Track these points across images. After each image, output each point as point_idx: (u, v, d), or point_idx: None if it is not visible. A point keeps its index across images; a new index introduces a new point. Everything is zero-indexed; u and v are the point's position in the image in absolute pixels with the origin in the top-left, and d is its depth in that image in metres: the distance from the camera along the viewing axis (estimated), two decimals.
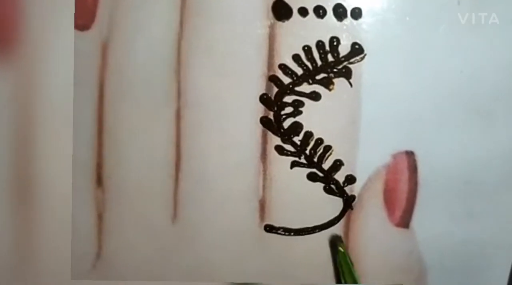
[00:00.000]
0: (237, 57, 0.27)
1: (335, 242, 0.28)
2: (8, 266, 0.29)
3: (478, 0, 0.26)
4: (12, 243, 0.29)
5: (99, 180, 0.29)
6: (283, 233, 0.29)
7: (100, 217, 0.29)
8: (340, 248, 0.28)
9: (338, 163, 0.28)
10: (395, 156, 0.28)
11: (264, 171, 0.28)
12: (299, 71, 0.27)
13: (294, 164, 0.28)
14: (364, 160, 0.28)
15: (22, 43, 0.28)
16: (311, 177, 0.28)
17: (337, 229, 0.29)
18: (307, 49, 0.27)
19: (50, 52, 0.28)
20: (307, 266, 0.29)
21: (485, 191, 0.28)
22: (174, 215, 0.29)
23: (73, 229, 0.29)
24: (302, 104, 0.27)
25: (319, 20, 0.27)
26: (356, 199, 0.28)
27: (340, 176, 0.28)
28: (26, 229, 0.29)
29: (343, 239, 0.29)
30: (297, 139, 0.28)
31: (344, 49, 0.27)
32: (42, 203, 0.29)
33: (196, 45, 0.27)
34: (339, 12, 0.26)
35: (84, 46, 0.28)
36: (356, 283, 0.26)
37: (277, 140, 0.28)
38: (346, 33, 0.27)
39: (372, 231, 0.29)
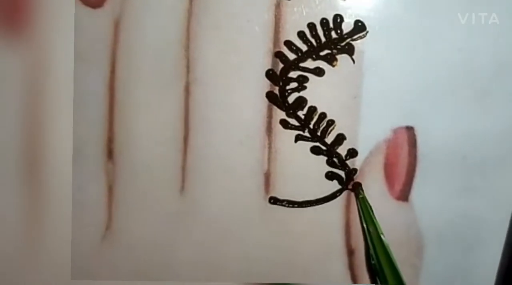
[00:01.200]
0: (244, 33, 0.28)
1: (357, 188, 0.29)
2: (18, 246, 0.30)
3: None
4: (23, 214, 0.30)
5: (110, 154, 0.29)
6: (287, 205, 0.29)
7: (110, 189, 0.30)
8: (361, 194, 0.28)
9: (340, 137, 0.29)
10: (395, 131, 0.29)
11: (269, 144, 0.29)
12: (304, 47, 0.28)
13: (298, 138, 0.29)
14: (366, 134, 0.29)
15: (34, 21, 0.28)
16: (315, 151, 0.29)
17: (338, 202, 0.30)
18: (311, 26, 0.27)
19: (62, 30, 0.28)
20: (311, 238, 0.30)
21: (483, 166, 0.29)
22: (182, 188, 0.29)
23: (83, 201, 0.30)
24: (306, 79, 0.28)
25: None
26: (358, 173, 0.29)
27: (342, 150, 0.29)
28: (36, 201, 0.30)
29: (345, 211, 0.30)
30: (301, 114, 0.28)
31: (347, 26, 0.28)
32: (54, 177, 0.30)
33: (204, 22, 0.28)
34: None
35: (96, 23, 0.28)
36: (374, 225, 0.27)
37: (282, 114, 0.29)
38: (349, 10, 0.27)
39: (373, 204, 0.29)
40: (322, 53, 0.27)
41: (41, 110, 0.29)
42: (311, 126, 0.28)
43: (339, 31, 0.27)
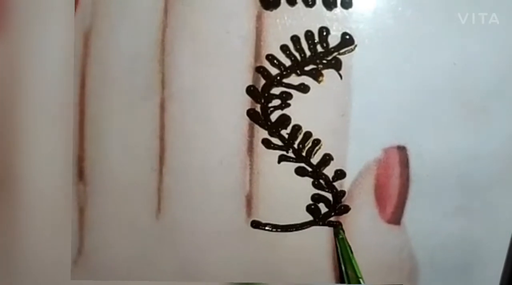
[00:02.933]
0: (223, 47, 0.26)
1: (336, 228, 0.28)
2: None
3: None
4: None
5: (81, 174, 0.28)
6: (270, 229, 0.28)
7: (81, 212, 0.28)
8: (340, 234, 0.27)
9: (327, 157, 0.27)
10: (386, 151, 0.27)
11: (251, 165, 0.27)
12: (287, 62, 0.26)
13: (282, 158, 0.27)
14: (354, 154, 0.27)
15: (6, 29, 0.27)
16: (300, 172, 0.27)
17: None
18: (295, 39, 0.26)
19: (32, 42, 0.27)
20: (297, 264, 0.29)
21: (478, 187, 0.28)
22: (158, 210, 0.28)
23: (53, 225, 0.28)
24: (290, 96, 0.26)
25: (308, 9, 0.26)
26: (346, 195, 0.28)
27: (329, 171, 0.27)
28: (6, 224, 0.28)
29: (333, 235, 0.28)
30: (285, 133, 0.27)
31: (334, 39, 0.26)
32: (22, 197, 0.28)
33: (181, 34, 0.26)
34: (329, 1, 0.26)
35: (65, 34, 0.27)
36: (353, 268, 0.25)
37: (264, 134, 0.27)
38: (336, 23, 0.26)
39: (362, 228, 0.28)
40: (307, 68, 0.26)
41: (10, 128, 0.27)
42: (295, 146, 0.27)
43: (325, 45, 0.26)
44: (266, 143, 0.27)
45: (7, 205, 0.28)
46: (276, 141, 0.27)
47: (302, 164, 0.27)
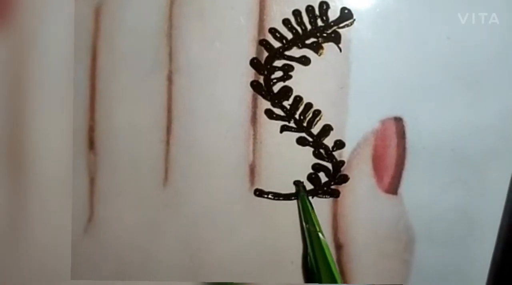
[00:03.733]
0: (227, 21, 0.27)
1: (298, 185, 0.28)
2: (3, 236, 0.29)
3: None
4: (7, 208, 0.29)
5: (91, 144, 0.29)
6: (272, 197, 0.29)
7: (92, 181, 0.29)
8: (302, 192, 0.28)
9: (327, 127, 0.28)
10: (383, 122, 0.28)
11: (254, 135, 0.28)
12: (289, 35, 0.27)
13: (283, 128, 0.28)
14: (353, 125, 0.28)
15: (17, 9, 0.28)
16: (301, 142, 0.28)
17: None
18: (297, 13, 0.27)
19: (45, 17, 0.28)
20: (298, 232, 0.29)
21: (472, 158, 0.29)
22: (165, 179, 0.29)
23: (64, 193, 0.29)
24: (292, 68, 0.27)
25: None
26: (345, 165, 0.29)
27: (329, 141, 0.28)
28: (20, 191, 0.29)
29: (332, 205, 0.29)
30: (286, 103, 0.28)
31: (333, 13, 0.27)
32: (34, 166, 0.29)
33: (187, 10, 0.27)
34: None
35: (76, 10, 0.28)
36: (314, 223, 0.26)
37: (267, 104, 0.28)
38: None
39: (361, 197, 0.29)
40: (307, 41, 0.27)
41: (22, 100, 0.28)
42: (296, 116, 0.28)
43: (325, 19, 0.27)
44: (269, 114, 0.28)
45: (20, 175, 0.29)
46: (278, 111, 0.28)
47: (303, 134, 0.28)
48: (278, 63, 0.27)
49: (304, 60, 0.27)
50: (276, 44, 0.27)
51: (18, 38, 0.28)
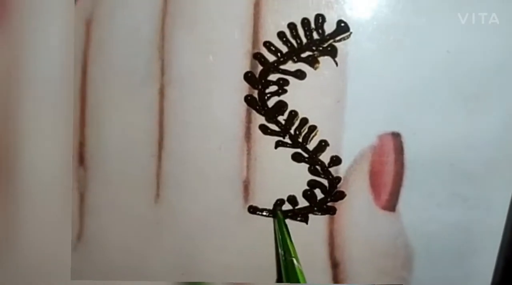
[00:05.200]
0: (221, 34, 0.27)
1: (275, 209, 0.28)
2: None
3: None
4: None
5: (81, 159, 0.28)
6: (267, 215, 0.28)
7: (81, 197, 0.29)
8: (279, 216, 0.27)
9: (323, 143, 0.27)
10: (381, 138, 0.28)
11: (248, 151, 0.28)
12: (284, 48, 0.26)
13: (278, 144, 0.27)
14: (350, 141, 0.28)
15: (8, 19, 0.27)
16: (296, 158, 0.28)
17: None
18: (292, 27, 0.26)
19: (36, 30, 0.27)
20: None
21: (472, 174, 0.28)
22: (157, 195, 0.28)
23: (53, 210, 0.29)
24: (287, 82, 0.27)
25: None
26: (342, 181, 0.28)
27: (325, 157, 0.28)
28: (6, 209, 0.29)
29: (328, 222, 0.28)
30: (281, 119, 0.27)
31: (329, 27, 0.26)
32: (23, 181, 0.29)
33: (180, 22, 0.27)
34: None
35: (67, 22, 0.27)
36: (289, 249, 0.25)
37: (261, 119, 0.27)
38: (332, 10, 0.26)
39: (357, 215, 0.28)
40: (303, 55, 0.26)
41: (11, 115, 0.28)
42: (292, 131, 0.27)
43: (321, 32, 0.26)
44: (263, 129, 0.27)
45: (8, 190, 0.29)
46: (273, 127, 0.27)
47: (299, 150, 0.28)
48: (273, 77, 0.27)
49: (300, 74, 0.27)
50: (271, 58, 0.27)
51: (7, 51, 0.27)
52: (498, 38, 0.26)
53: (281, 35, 0.26)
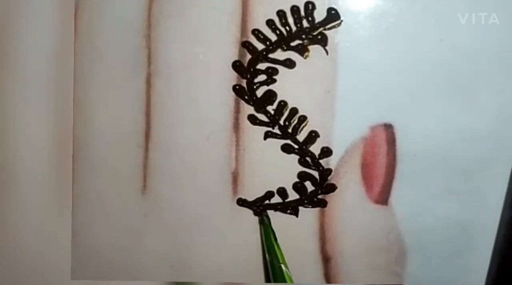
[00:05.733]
0: (209, 22, 0.26)
1: (261, 215, 0.28)
2: None
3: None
4: None
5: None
6: (256, 208, 0.28)
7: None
8: (265, 221, 0.27)
9: (313, 134, 0.27)
10: (372, 129, 0.27)
11: (237, 141, 0.27)
12: (273, 37, 0.26)
13: (267, 135, 0.27)
14: (341, 132, 0.27)
15: None
16: (286, 149, 0.27)
17: None
18: (281, 14, 0.26)
19: (23, 18, 0.27)
20: (283, 243, 0.28)
21: (466, 166, 0.28)
22: (144, 187, 0.28)
23: (40, 202, 0.28)
24: (276, 71, 0.26)
25: None
26: (333, 173, 0.27)
27: (315, 148, 0.27)
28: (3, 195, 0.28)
29: (319, 215, 0.28)
30: (271, 109, 0.27)
31: (319, 14, 0.26)
32: (9, 173, 0.28)
33: (167, 9, 0.26)
34: None
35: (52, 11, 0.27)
36: (277, 255, 0.25)
37: (250, 109, 0.27)
38: None
39: (349, 208, 0.28)
40: (292, 44, 0.26)
41: None
42: (281, 122, 0.27)
43: (310, 20, 0.26)
44: (252, 119, 0.27)
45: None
46: (262, 117, 0.27)
47: (288, 141, 0.27)
48: (262, 66, 0.26)
49: (289, 63, 0.26)
50: (260, 46, 0.26)
51: None
52: (491, 32, 0.26)
53: (270, 23, 0.26)
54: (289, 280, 0.24)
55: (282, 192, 0.27)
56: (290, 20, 0.26)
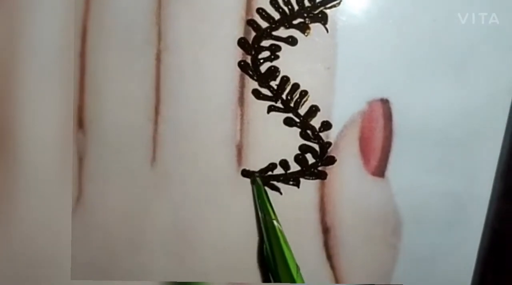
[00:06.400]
0: (216, 1, 0.27)
1: (252, 175, 0.28)
2: None
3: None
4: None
5: (81, 123, 0.29)
6: (259, 178, 0.29)
7: (80, 160, 0.29)
8: (257, 182, 0.28)
9: (314, 108, 0.28)
10: (370, 103, 0.28)
11: (242, 115, 0.28)
12: (277, 15, 0.27)
13: (271, 109, 0.28)
14: (340, 106, 0.28)
15: None
16: (288, 122, 0.28)
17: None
18: None
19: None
20: (284, 214, 0.29)
21: (460, 141, 0.29)
22: (153, 158, 0.29)
23: (53, 173, 0.29)
24: (279, 48, 0.27)
25: None
26: (332, 146, 0.29)
27: (316, 122, 0.28)
28: (6, 173, 0.29)
29: (319, 186, 0.29)
30: (274, 84, 0.28)
31: None
32: (23, 144, 0.29)
33: None
34: None
35: None
36: (270, 213, 0.26)
37: (254, 84, 0.28)
38: None
39: (348, 180, 0.29)
40: (294, 22, 0.27)
41: (9, 80, 0.28)
42: (283, 96, 0.28)
43: None
44: (256, 94, 0.28)
45: (8, 154, 0.29)
46: (265, 91, 0.28)
47: (290, 115, 0.28)
48: (266, 43, 0.27)
49: (291, 41, 0.27)
50: (264, 24, 0.27)
51: (7, 20, 0.28)
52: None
53: (273, 2, 0.27)
54: (281, 234, 0.25)
55: (284, 163, 0.28)
56: None
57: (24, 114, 0.29)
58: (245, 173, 0.29)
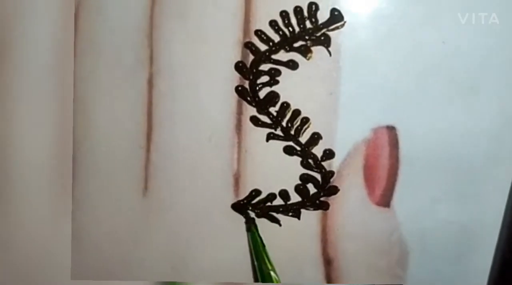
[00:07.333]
0: (211, 22, 0.26)
1: (249, 223, 0.27)
2: None
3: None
4: None
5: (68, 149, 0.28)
6: (258, 210, 0.28)
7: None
8: (252, 230, 0.27)
9: (316, 136, 0.27)
10: (375, 131, 0.27)
11: (239, 143, 0.27)
12: (276, 37, 0.26)
13: (270, 137, 0.27)
14: (343, 134, 0.27)
15: None
16: (288, 151, 0.27)
17: None
18: (284, 15, 0.26)
19: (25, 16, 0.27)
20: (285, 246, 0.28)
21: (469, 168, 0.27)
22: (145, 188, 0.28)
23: (40, 203, 0.28)
24: (279, 72, 0.26)
25: None
26: (335, 175, 0.27)
27: (318, 150, 0.27)
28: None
29: (321, 217, 0.28)
30: (273, 110, 0.27)
31: (323, 15, 0.26)
32: (12, 174, 0.28)
33: (169, 10, 0.26)
34: None
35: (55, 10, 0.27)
36: (266, 262, 0.25)
37: (252, 111, 0.27)
38: None
39: (351, 210, 0.28)
40: (295, 45, 0.26)
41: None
42: (283, 124, 0.26)
43: (314, 21, 0.25)
44: (254, 121, 0.27)
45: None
46: (264, 118, 0.27)
47: (291, 143, 0.27)
48: (265, 67, 0.26)
49: (292, 64, 0.26)
50: (263, 47, 0.26)
51: None
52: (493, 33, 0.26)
53: (273, 23, 0.26)
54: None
55: (284, 194, 0.27)
56: (293, 21, 0.26)
57: (14, 138, 0.28)
58: (238, 207, 0.27)
